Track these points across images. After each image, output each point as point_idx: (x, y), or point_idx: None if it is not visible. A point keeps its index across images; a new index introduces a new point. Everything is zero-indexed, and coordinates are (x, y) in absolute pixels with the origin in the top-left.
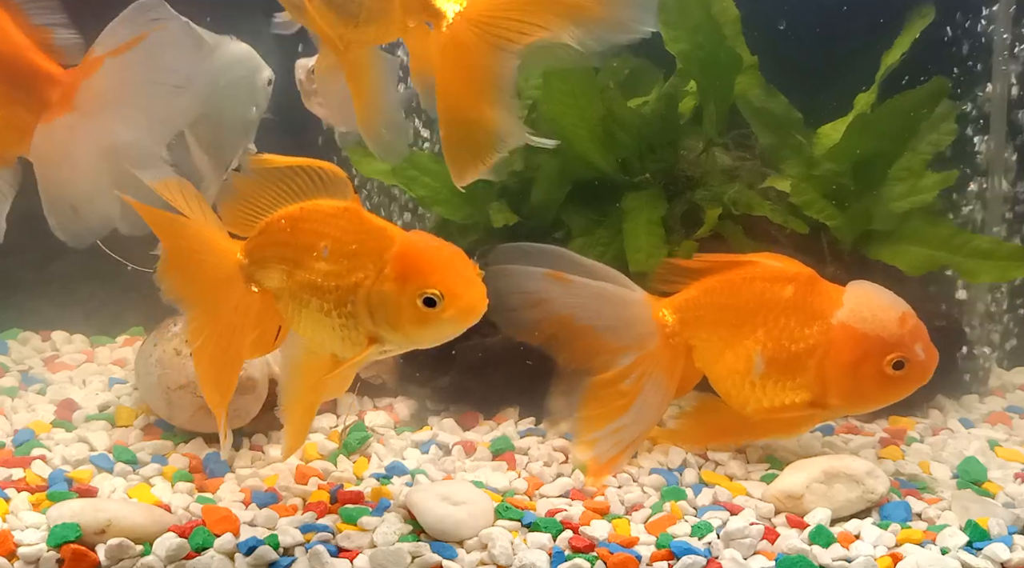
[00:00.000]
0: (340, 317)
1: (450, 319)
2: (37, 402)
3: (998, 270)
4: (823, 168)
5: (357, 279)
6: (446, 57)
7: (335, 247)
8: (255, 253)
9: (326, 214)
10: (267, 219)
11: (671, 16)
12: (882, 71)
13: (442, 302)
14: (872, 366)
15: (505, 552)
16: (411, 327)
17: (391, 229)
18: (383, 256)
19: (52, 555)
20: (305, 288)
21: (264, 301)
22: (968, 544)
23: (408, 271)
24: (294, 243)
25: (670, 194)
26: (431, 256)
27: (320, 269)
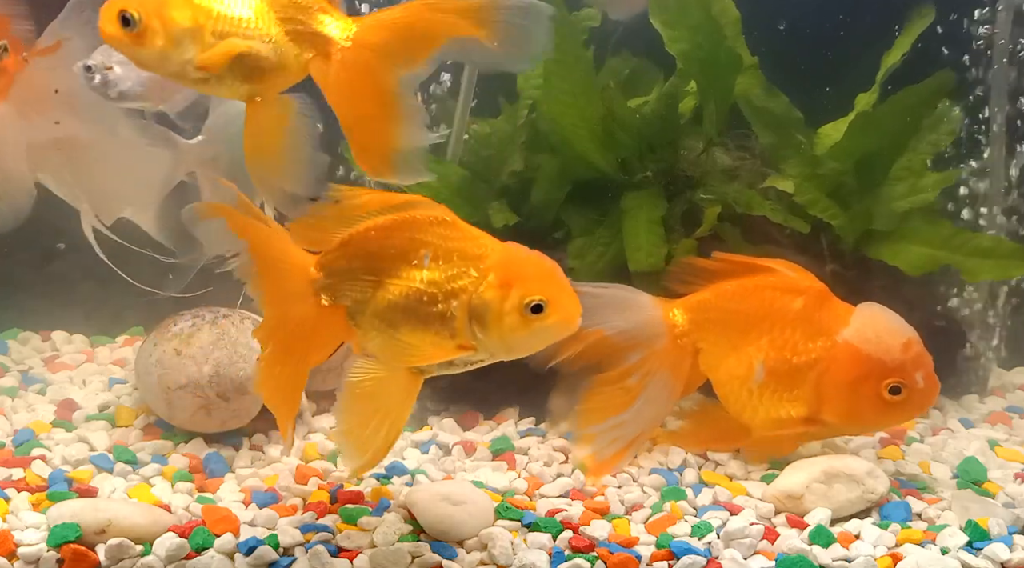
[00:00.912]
0: (436, 324)
1: (551, 327)
2: (37, 402)
3: (998, 269)
4: (826, 167)
5: (460, 285)
6: (341, 81)
7: (436, 254)
8: (334, 266)
9: (423, 222)
10: (350, 232)
11: (671, 16)
12: (883, 71)
13: (547, 309)
14: (870, 388)
15: (505, 552)
16: (511, 333)
17: (488, 237)
18: (485, 263)
19: (52, 555)
20: (403, 298)
21: (335, 316)
22: (968, 544)
23: (514, 278)
24: (386, 253)
25: (670, 194)
26: (536, 264)
27: (420, 277)
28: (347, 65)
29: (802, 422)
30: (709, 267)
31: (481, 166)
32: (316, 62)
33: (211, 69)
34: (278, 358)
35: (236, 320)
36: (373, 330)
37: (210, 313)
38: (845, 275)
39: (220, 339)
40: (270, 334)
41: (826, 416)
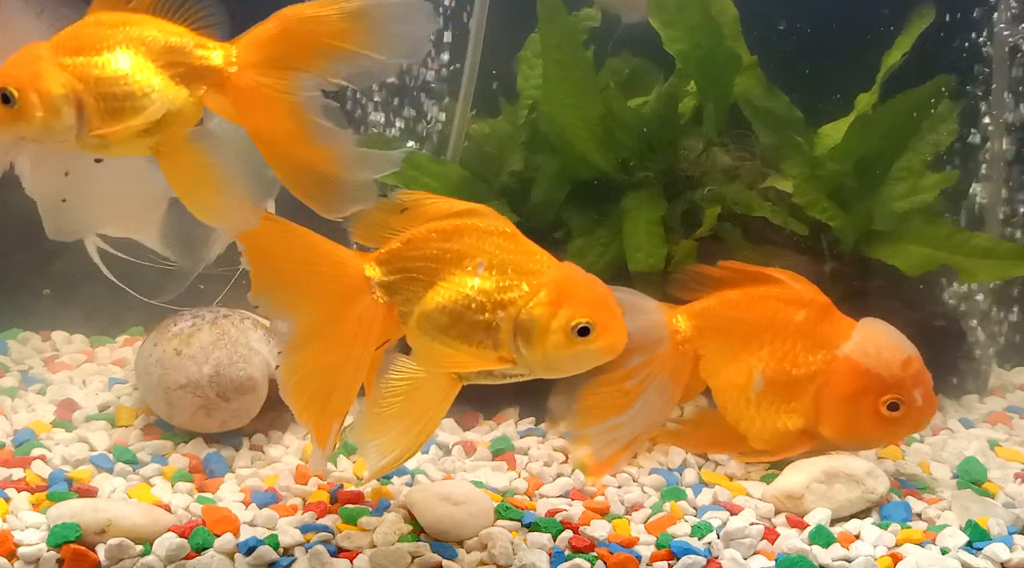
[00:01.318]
0: (481, 333)
1: (595, 351)
2: (37, 402)
3: (997, 269)
4: (826, 168)
5: (510, 298)
6: (243, 106)
7: (491, 264)
8: (393, 264)
9: (484, 231)
10: (412, 232)
11: (670, 16)
12: (883, 71)
13: (592, 333)
14: (868, 403)
15: (505, 552)
16: (554, 352)
17: (546, 255)
18: (539, 279)
19: (52, 555)
20: (452, 303)
21: (388, 313)
22: (968, 544)
23: (565, 297)
24: (444, 256)
25: (670, 194)
26: (589, 287)
27: (471, 284)
28: (241, 89)
29: (798, 435)
30: (715, 275)
31: (481, 166)
32: (210, 96)
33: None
34: (324, 359)
35: (236, 320)
36: (419, 330)
37: (210, 313)
38: (845, 274)
39: (220, 339)
40: (310, 338)
41: (823, 430)
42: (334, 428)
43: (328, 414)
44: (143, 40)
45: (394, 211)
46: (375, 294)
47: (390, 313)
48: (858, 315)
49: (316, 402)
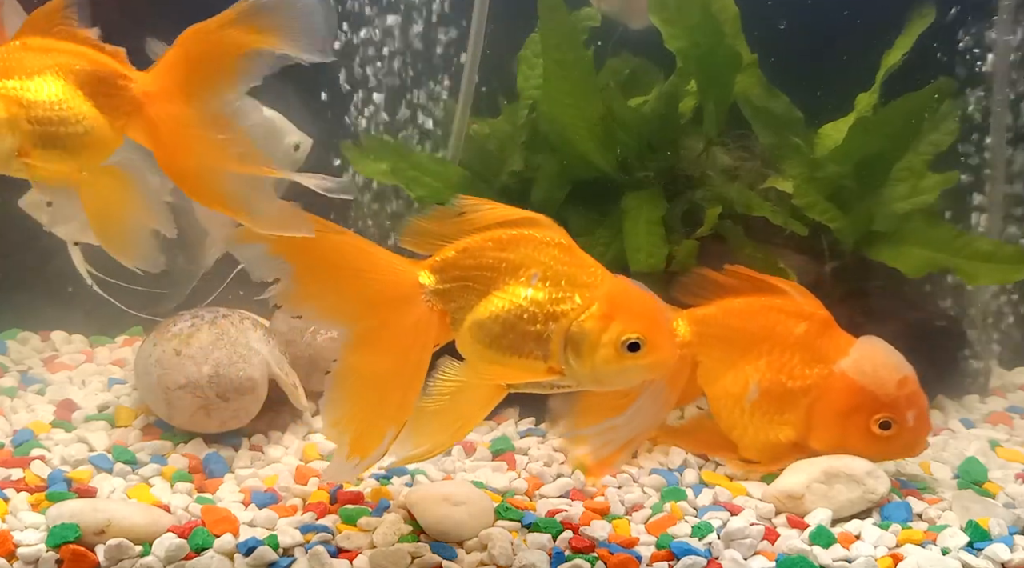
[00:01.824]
0: (531, 344)
1: (643, 367)
2: (36, 402)
3: (999, 272)
4: (826, 170)
5: (563, 310)
6: (163, 133)
7: (545, 275)
8: (448, 272)
9: (539, 242)
10: (468, 240)
11: (670, 14)
12: (883, 71)
13: (643, 349)
14: (860, 420)
15: (505, 552)
16: (603, 366)
17: (601, 268)
18: (592, 292)
19: (51, 555)
20: (504, 312)
21: (441, 320)
22: (969, 544)
23: (617, 312)
24: (498, 265)
25: (670, 194)
26: (642, 302)
27: (524, 294)
28: (157, 118)
29: (789, 446)
30: (719, 280)
31: (481, 166)
32: (132, 125)
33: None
34: (378, 366)
35: (235, 320)
36: (471, 337)
37: (209, 313)
38: (846, 274)
39: (219, 339)
40: (366, 343)
41: (813, 443)
42: (388, 435)
43: (382, 422)
44: (71, 67)
45: (447, 219)
46: (429, 302)
47: (443, 320)
48: (859, 315)
49: (367, 409)
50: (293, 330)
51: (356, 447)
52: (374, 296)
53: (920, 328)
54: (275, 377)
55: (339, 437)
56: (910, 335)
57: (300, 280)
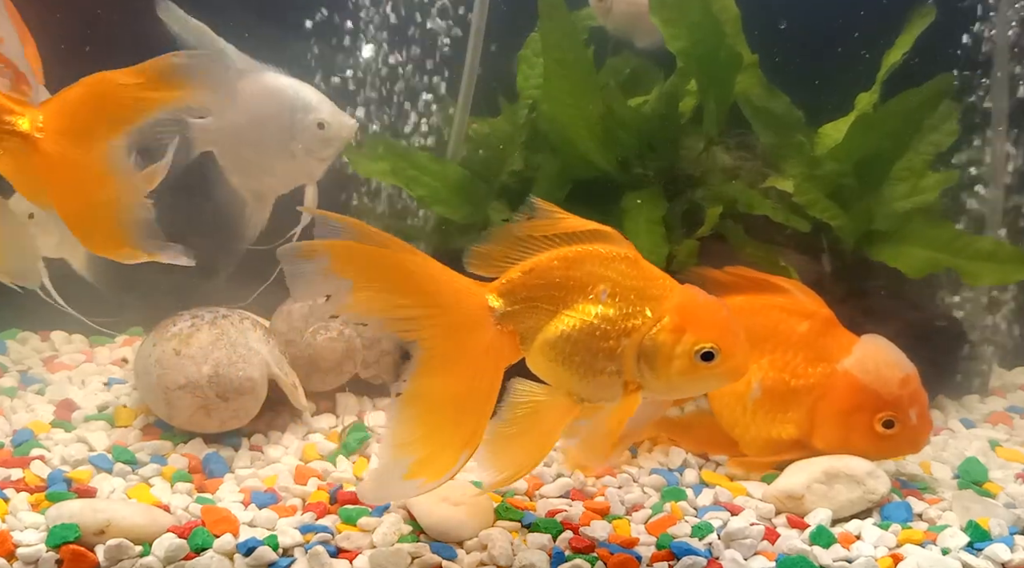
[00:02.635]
0: (605, 360)
1: (719, 375)
2: (36, 402)
3: (1000, 272)
4: (826, 168)
5: (634, 324)
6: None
7: (614, 291)
8: (516, 294)
9: (606, 258)
10: (534, 260)
11: (671, 14)
12: (884, 71)
13: (717, 358)
14: (863, 419)
15: (505, 553)
16: (678, 377)
17: (669, 279)
18: (663, 304)
19: (51, 556)
20: (575, 331)
21: (512, 341)
22: (969, 544)
23: (689, 323)
24: (566, 284)
25: (670, 193)
26: (713, 311)
27: (595, 311)
28: (47, 155)
29: (791, 444)
30: (721, 279)
31: (481, 166)
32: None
33: None
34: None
35: (235, 320)
36: (541, 356)
37: (209, 313)
38: (846, 274)
39: (219, 339)
40: (436, 366)
41: (816, 442)
42: (461, 458)
43: (455, 445)
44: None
45: (512, 239)
46: (499, 324)
47: (513, 341)
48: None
49: (439, 433)
50: (293, 330)
51: (421, 469)
52: (444, 320)
53: (920, 328)
54: (275, 377)
55: (401, 458)
56: (910, 335)
57: (360, 297)
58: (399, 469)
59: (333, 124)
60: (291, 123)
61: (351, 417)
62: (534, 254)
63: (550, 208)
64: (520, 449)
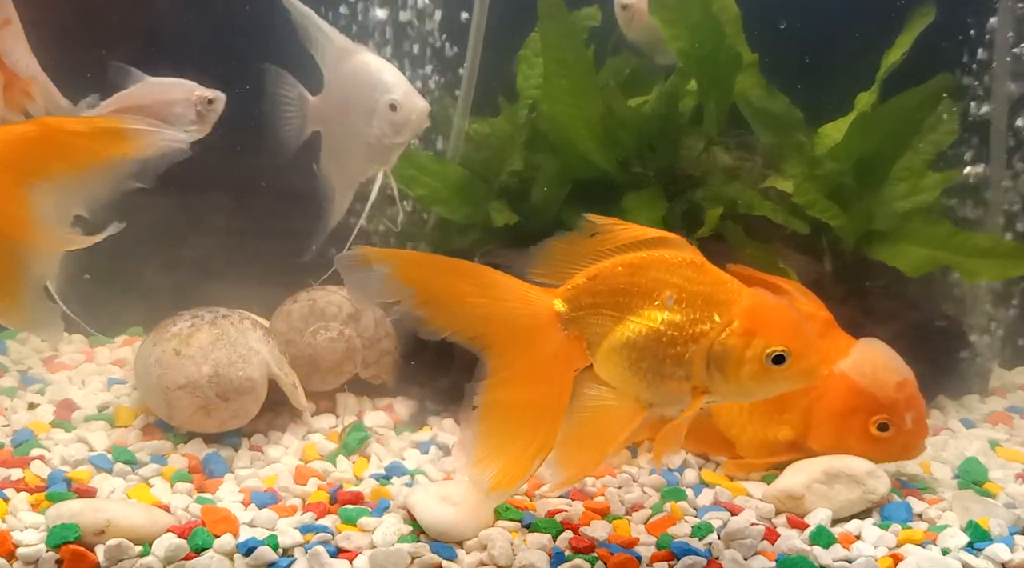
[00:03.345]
0: (673, 366)
1: (791, 377)
2: (36, 402)
3: (998, 268)
4: (825, 167)
5: (702, 330)
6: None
7: (680, 297)
8: (581, 299)
9: (671, 264)
10: (599, 266)
11: (671, 14)
12: (883, 70)
13: (788, 361)
14: (858, 421)
15: (505, 553)
16: (749, 381)
17: (737, 283)
18: (731, 309)
19: (51, 555)
20: (641, 337)
21: (579, 347)
22: (969, 544)
23: (758, 327)
24: (631, 290)
25: (670, 193)
26: (782, 314)
27: (661, 317)
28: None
29: (787, 445)
30: None
31: (481, 166)
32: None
33: None
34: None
35: (235, 320)
36: (608, 361)
37: (209, 313)
38: (846, 274)
39: (219, 339)
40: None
41: (811, 443)
42: (535, 464)
43: (529, 453)
44: None
45: (576, 245)
46: (566, 330)
47: (580, 346)
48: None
49: (514, 443)
50: (293, 330)
51: (500, 481)
52: (511, 328)
53: (920, 328)
54: (275, 377)
55: (481, 474)
56: (910, 335)
57: (423, 306)
58: (481, 486)
59: (404, 106)
60: (371, 105)
61: (351, 417)
62: (598, 260)
63: (610, 221)
64: (585, 451)
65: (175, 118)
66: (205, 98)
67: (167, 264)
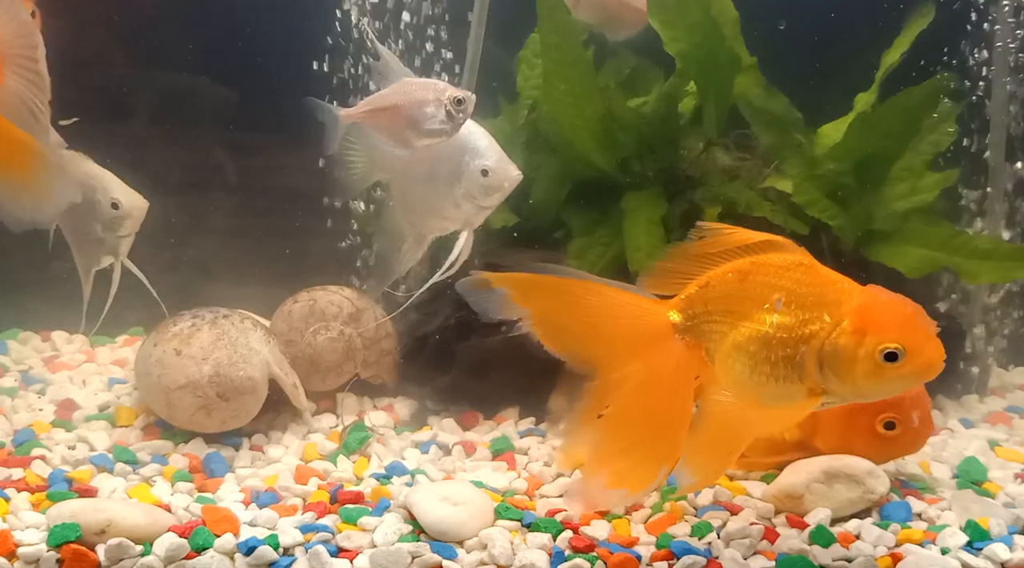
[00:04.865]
0: (785, 368)
1: (907, 375)
2: (37, 402)
3: (998, 270)
4: (825, 167)
5: (811, 331)
6: None
7: (789, 299)
8: (694, 308)
9: (780, 267)
10: (709, 274)
11: (670, 16)
12: (882, 71)
13: (903, 358)
14: (864, 420)
15: (505, 552)
16: (864, 380)
17: (848, 282)
18: (841, 308)
19: (52, 555)
20: (752, 342)
21: (696, 355)
22: (968, 544)
23: (870, 325)
24: (742, 295)
25: (670, 194)
26: (894, 310)
27: (772, 321)
28: None
29: (793, 445)
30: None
31: None
32: None
33: None
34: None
35: (236, 320)
36: (724, 368)
37: (210, 313)
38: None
39: (220, 339)
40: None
41: (818, 442)
42: (661, 472)
43: (654, 460)
44: None
45: (687, 255)
46: (683, 339)
47: (698, 354)
48: None
49: (637, 449)
50: (293, 330)
51: (621, 480)
52: (630, 341)
53: None
54: (275, 377)
55: (601, 470)
56: None
57: (541, 324)
58: (600, 479)
59: (497, 172)
60: (459, 167)
61: (351, 417)
62: (709, 269)
63: (718, 227)
64: (710, 457)
65: (426, 118)
66: (455, 98)
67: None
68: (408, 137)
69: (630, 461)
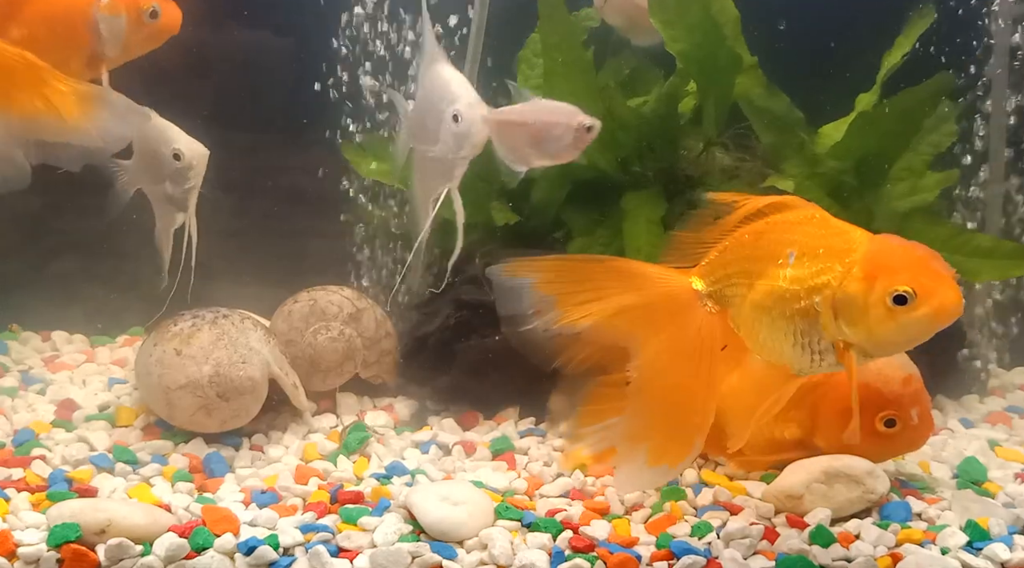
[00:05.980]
0: (803, 322)
1: (921, 318)
2: (37, 402)
3: (999, 269)
4: (826, 166)
5: (824, 281)
6: None
7: (801, 252)
8: (715, 274)
9: (792, 223)
10: (727, 240)
11: (670, 16)
12: (883, 71)
13: (914, 300)
14: (865, 418)
15: (505, 552)
16: (878, 327)
17: (860, 231)
18: (851, 256)
19: (52, 555)
20: (768, 298)
21: (722, 321)
22: (968, 544)
23: (877, 269)
24: (757, 255)
25: (670, 194)
26: (902, 254)
27: (785, 275)
28: None
29: (794, 444)
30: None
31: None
32: None
33: None
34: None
35: (236, 320)
36: (747, 329)
37: (210, 313)
38: None
39: (220, 339)
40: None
41: (818, 441)
42: (696, 442)
43: (687, 430)
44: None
45: (704, 224)
46: (707, 306)
47: (723, 321)
48: None
49: (669, 420)
50: (293, 330)
51: (660, 456)
52: (656, 312)
53: None
54: (275, 377)
55: (634, 448)
56: None
57: (568, 309)
58: (640, 457)
59: (466, 118)
60: (440, 116)
61: (351, 417)
62: (725, 237)
63: (729, 197)
64: (744, 422)
65: (552, 139)
66: (584, 125)
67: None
68: (528, 155)
69: (664, 435)
